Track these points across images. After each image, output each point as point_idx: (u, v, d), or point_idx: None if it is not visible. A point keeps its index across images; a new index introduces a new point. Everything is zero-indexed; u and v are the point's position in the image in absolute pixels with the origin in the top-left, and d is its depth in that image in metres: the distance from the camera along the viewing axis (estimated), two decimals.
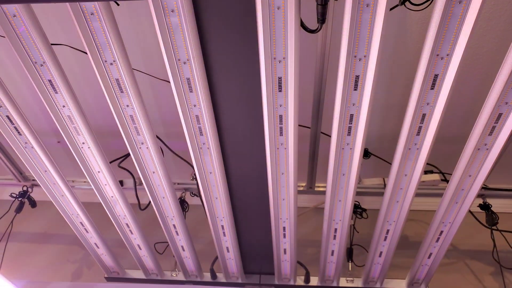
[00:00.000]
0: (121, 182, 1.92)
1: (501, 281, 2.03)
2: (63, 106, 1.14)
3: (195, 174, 1.29)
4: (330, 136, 1.15)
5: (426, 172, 1.97)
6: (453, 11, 0.85)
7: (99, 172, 1.34)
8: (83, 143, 1.25)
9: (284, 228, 1.48)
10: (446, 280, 2.12)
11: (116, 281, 1.88)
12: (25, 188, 2.04)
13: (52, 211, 1.54)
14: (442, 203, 1.36)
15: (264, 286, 1.81)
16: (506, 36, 0.85)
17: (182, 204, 1.95)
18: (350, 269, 1.82)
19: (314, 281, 1.81)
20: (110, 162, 1.43)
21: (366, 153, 2.03)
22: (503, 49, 0.88)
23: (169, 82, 1.01)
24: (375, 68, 0.94)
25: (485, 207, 1.84)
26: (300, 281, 1.81)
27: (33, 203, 2.05)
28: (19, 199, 2.01)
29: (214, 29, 0.92)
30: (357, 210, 1.89)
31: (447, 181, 1.41)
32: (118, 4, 1.02)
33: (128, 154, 1.27)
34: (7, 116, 1.18)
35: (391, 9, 0.89)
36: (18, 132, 1.23)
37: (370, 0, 0.84)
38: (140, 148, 1.22)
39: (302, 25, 0.92)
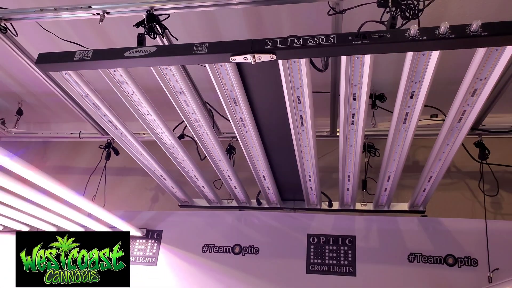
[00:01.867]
0: (182, 136, 2.44)
1: (494, 197, 2.47)
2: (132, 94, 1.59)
3: None
4: None
5: (431, 116, 2.33)
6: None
7: (173, 147, 1.85)
8: (163, 134, 1.74)
9: (309, 176, 1.98)
10: (445, 196, 2.58)
11: (187, 208, 2.53)
12: (108, 141, 2.62)
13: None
14: (435, 144, 1.70)
15: (297, 210, 2.40)
16: None
17: (231, 150, 2.47)
18: (363, 197, 2.34)
19: (336, 205, 2.35)
20: (173, 130, 1.92)
21: (382, 97, 2.39)
22: None
23: None
24: (366, 89, 1.31)
25: (479, 144, 2.21)
26: (324, 205, 2.36)
27: (116, 152, 2.64)
28: (106, 149, 2.61)
29: (250, 72, 1.31)
30: (371, 149, 2.33)
31: None
32: None
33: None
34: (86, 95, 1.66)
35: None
36: (96, 107, 1.71)
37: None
38: (202, 135, 1.70)
39: (313, 64, 1.29)
